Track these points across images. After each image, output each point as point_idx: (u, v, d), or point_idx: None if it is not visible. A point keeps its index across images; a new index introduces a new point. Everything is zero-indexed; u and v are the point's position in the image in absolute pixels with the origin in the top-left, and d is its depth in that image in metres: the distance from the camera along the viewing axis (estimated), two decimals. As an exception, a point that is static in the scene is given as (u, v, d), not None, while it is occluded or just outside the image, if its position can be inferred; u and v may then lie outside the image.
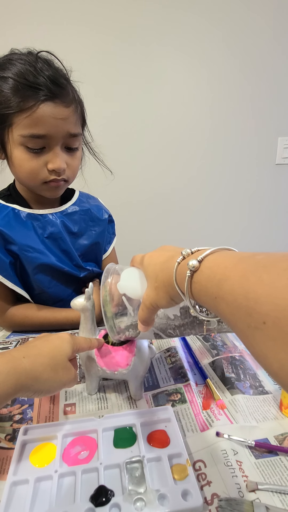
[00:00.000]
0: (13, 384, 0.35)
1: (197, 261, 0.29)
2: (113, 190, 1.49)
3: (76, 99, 0.63)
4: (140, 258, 0.41)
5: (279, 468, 0.39)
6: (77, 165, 0.68)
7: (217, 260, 0.28)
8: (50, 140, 0.59)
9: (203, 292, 0.28)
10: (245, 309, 0.22)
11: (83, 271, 0.77)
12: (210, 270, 0.28)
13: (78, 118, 0.63)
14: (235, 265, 0.25)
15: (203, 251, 0.30)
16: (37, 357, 0.39)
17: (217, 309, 0.26)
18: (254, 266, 0.23)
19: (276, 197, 1.73)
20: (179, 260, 0.32)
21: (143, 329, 0.41)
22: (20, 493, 0.37)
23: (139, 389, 0.51)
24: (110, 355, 0.48)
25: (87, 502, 0.35)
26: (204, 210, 1.68)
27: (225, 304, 0.24)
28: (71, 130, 0.60)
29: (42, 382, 0.38)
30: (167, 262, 0.34)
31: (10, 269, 0.67)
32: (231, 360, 0.58)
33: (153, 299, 0.37)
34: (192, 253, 0.32)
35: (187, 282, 0.30)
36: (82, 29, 1.30)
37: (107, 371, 0.48)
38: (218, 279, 0.26)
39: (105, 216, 0.81)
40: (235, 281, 0.24)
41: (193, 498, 0.35)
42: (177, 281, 0.32)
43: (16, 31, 1.23)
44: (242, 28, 1.43)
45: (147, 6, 1.33)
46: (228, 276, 0.25)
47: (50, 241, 0.70)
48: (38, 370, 0.38)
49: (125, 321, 0.45)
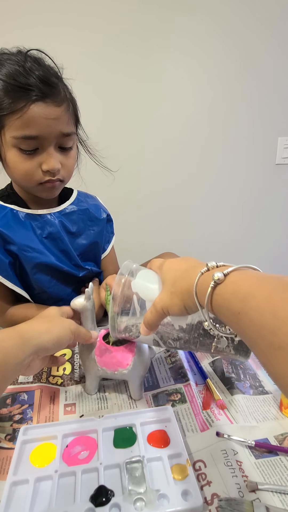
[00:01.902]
0: (18, 340, 0.37)
1: (223, 274, 0.29)
2: (113, 188, 1.49)
3: (68, 97, 0.61)
4: (160, 263, 0.42)
5: (279, 468, 0.39)
6: (72, 164, 0.67)
7: (242, 276, 0.28)
8: (43, 140, 0.58)
9: (225, 306, 0.28)
10: (270, 328, 0.22)
11: (82, 271, 0.77)
12: (235, 284, 0.28)
13: (70, 117, 0.62)
14: (262, 283, 0.25)
15: (229, 266, 0.31)
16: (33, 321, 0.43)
17: (238, 324, 0.26)
18: (283, 287, 0.23)
19: (276, 197, 1.73)
20: (203, 271, 0.32)
21: (145, 332, 0.41)
22: (20, 493, 0.37)
23: (139, 389, 0.51)
24: (110, 355, 0.48)
25: (87, 502, 0.35)
26: (204, 210, 1.68)
27: (248, 320, 0.24)
28: (64, 130, 0.60)
29: (43, 332, 0.40)
30: (189, 271, 0.35)
31: (9, 269, 0.67)
32: (231, 360, 0.58)
33: (166, 304, 0.37)
34: (218, 267, 0.32)
35: (209, 293, 0.30)
36: (83, 30, 1.30)
37: (107, 371, 0.48)
38: (244, 295, 0.26)
39: (103, 215, 0.81)
40: (262, 298, 0.24)
41: (193, 498, 0.35)
42: (197, 291, 0.32)
43: (16, 31, 1.23)
44: (242, 29, 1.43)
45: (147, 8, 1.33)
46: (254, 293, 0.25)
47: (49, 241, 0.70)
48: (35, 324, 0.41)
49: (129, 321, 0.45)
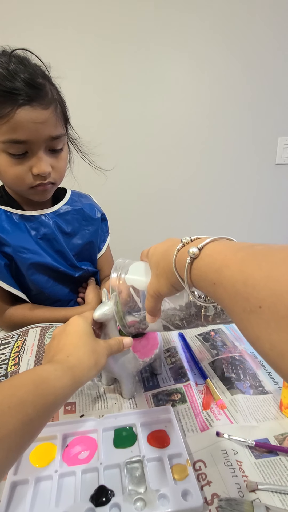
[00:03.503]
0: (70, 381, 0.35)
1: (198, 248, 0.30)
2: (110, 187, 1.49)
3: (56, 98, 0.60)
4: (146, 251, 0.43)
5: (279, 468, 0.39)
6: (63, 166, 0.66)
7: (217, 248, 0.29)
8: (31, 144, 0.57)
9: (202, 278, 0.29)
10: (243, 294, 0.23)
11: (78, 271, 0.77)
12: (210, 257, 0.29)
13: (59, 118, 0.60)
14: (234, 253, 0.26)
15: (203, 239, 0.31)
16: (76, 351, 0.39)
17: (215, 294, 0.27)
18: (253, 255, 0.24)
19: (276, 197, 1.73)
20: (178, 247, 0.33)
21: (151, 319, 0.42)
22: (20, 493, 0.37)
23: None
24: (140, 344, 0.50)
25: (87, 502, 0.35)
26: (204, 210, 1.68)
27: (223, 289, 0.26)
28: (52, 133, 0.59)
29: (92, 367, 0.38)
30: (168, 250, 0.36)
31: (5, 271, 0.67)
32: (231, 360, 0.58)
33: (155, 287, 0.38)
34: (192, 241, 0.33)
35: (187, 268, 0.31)
36: (83, 30, 1.30)
37: (147, 359, 0.51)
38: (218, 266, 0.27)
39: (97, 215, 0.81)
40: (234, 268, 0.25)
41: (193, 498, 0.35)
42: (177, 268, 0.33)
43: (16, 34, 1.23)
44: (242, 29, 1.43)
45: (148, 8, 1.33)
46: (227, 263, 0.26)
47: (44, 242, 0.70)
48: (85, 359, 0.38)
49: (135, 315, 0.46)
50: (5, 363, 0.56)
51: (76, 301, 0.81)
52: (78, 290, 0.82)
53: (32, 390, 0.31)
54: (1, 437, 0.26)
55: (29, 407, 0.29)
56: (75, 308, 0.76)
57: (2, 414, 0.27)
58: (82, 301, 0.79)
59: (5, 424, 0.27)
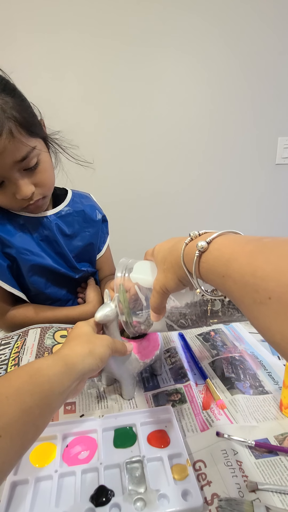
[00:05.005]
0: (63, 367, 0.35)
1: (206, 242, 0.31)
2: (111, 187, 1.49)
3: (8, 115, 0.51)
4: (151, 250, 0.43)
5: (279, 468, 0.39)
6: (47, 177, 0.63)
7: (225, 241, 0.30)
8: (2, 174, 0.55)
9: (211, 271, 0.30)
10: (252, 286, 0.24)
11: (78, 273, 0.77)
12: (219, 251, 0.29)
13: (19, 136, 0.53)
14: (243, 247, 0.27)
15: (211, 233, 0.32)
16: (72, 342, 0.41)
17: (224, 287, 0.28)
18: (261, 248, 0.25)
19: (276, 197, 1.73)
20: (187, 241, 0.34)
21: (156, 318, 0.42)
22: (20, 493, 0.37)
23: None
24: (141, 345, 0.50)
25: (87, 502, 0.35)
26: (203, 210, 1.68)
27: (232, 281, 0.26)
28: (16, 158, 0.54)
29: (87, 356, 0.38)
30: (175, 245, 0.36)
31: (7, 273, 0.67)
32: (231, 360, 0.58)
33: (162, 282, 0.38)
34: (200, 235, 0.34)
35: (195, 261, 0.31)
36: (83, 30, 1.30)
37: (147, 361, 0.50)
38: (227, 259, 0.27)
39: (98, 216, 0.81)
40: (243, 260, 0.25)
41: (193, 498, 0.35)
42: (185, 261, 0.34)
43: (15, 34, 1.23)
44: (242, 28, 1.43)
45: (147, 7, 1.33)
46: (236, 256, 0.27)
47: (45, 244, 0.71)
48: (77, 348, 0.39)
49: (139, 314, 0.46)
50: (5, 364, 0.56)
51: (75, 300, 0.81)
52: (77, 290, 0.82)
53: (27, 380, 0.32)
54: (2, 425, 0.27)
55: (26, 396, 0.30)
56: (76, 307, 0.76)
57: (0, 404, 0.28)
58: (82, 301, 0.79)
59: (5, 413, 0.28)
